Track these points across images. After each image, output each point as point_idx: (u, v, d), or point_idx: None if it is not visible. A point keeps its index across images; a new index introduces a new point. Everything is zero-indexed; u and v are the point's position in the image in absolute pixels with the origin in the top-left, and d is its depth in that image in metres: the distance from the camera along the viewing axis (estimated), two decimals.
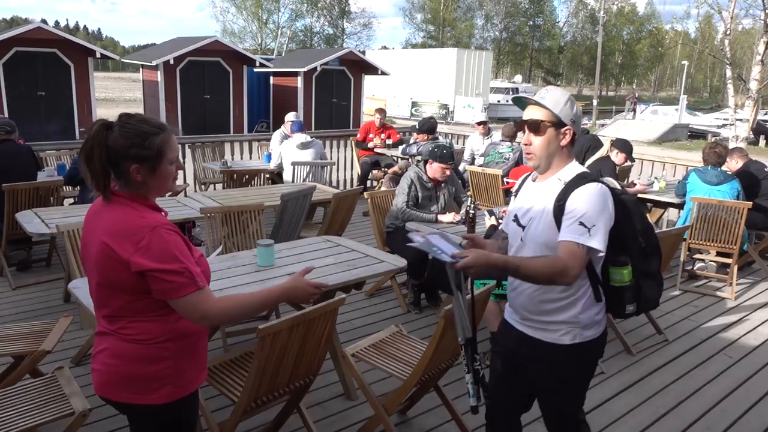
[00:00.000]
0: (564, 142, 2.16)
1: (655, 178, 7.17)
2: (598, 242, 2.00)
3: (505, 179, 7.00)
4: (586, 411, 3.54)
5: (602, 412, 3.59)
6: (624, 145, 6.30)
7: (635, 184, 6.61)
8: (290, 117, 8.10)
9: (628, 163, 6.87)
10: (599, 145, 7.57)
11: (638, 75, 72.83)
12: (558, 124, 2.14)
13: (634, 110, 36.21)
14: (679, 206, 6.45)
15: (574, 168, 2.17)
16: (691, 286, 5.83)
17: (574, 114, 2.16)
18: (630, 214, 2.16)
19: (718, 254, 5.89)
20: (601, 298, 2.20)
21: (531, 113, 2.18)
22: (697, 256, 6.13)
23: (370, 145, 9.17)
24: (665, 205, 6.78)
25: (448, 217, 4.86)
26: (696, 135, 30.12)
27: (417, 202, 4.98)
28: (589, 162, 6.36)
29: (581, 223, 2.01)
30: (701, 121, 32.54)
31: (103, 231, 1.77)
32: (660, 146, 24.46)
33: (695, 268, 6.13)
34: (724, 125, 30.92)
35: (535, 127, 2.16)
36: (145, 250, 1.72)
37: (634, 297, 2.19)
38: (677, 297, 5.55)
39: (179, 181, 8.07)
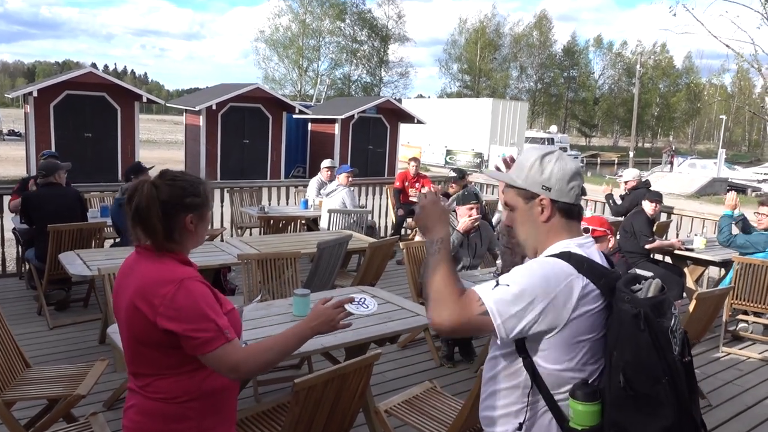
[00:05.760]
0: (543, 217, 1.65)
1: (695, 234, 7.02)
2: (497, 299, 1.49)
3: None
4: None
5: None
6: (651, 194, 6.37)
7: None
8: (326, 164, 8.22)
9: (666, 218, 6.77)
10: None
11: (675, 128, 72.33)
12: (527, 196, 1.67)
13: (671, 163, 35.85)
14: (721, 265, 6.29)
15: (560, 246, 1.63)
16: (735, 348, 5.62)
17: (548, 177, 1.63)
18: (621, 329, 1.48)
19: (756, 314, 5.71)
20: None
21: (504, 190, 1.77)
22: (741, 317, 5.93)
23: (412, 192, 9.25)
24: (706, 263, 6.61)
25: (468, 221, 4.96)
26: (735, 189, 29.53)
27: None
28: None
29: (497, 281, 1.55)
30: (740, 175, 32.04)
31: (132, 290, 1.81)
32: (698, 200, 24.04)
33: (738, 329, 5.92)
34: (765, 180, 30.41)
35: (507, 205, 1.74)
36: (171, 310, 1.74)
37: None
38: (720, 359, 5.36)
39: (216, 225, 8.19)
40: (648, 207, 6.16)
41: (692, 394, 1.54)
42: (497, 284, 1.52)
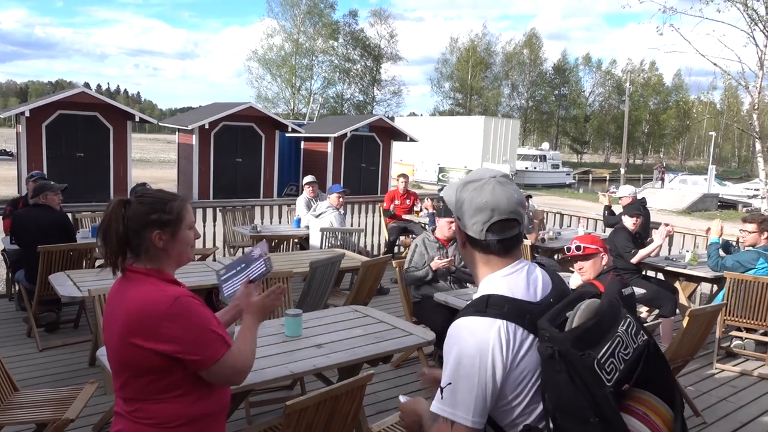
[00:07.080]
0: (460, 242, 1.60)
1: (687, 250, 7.04)
2: (453, 411, 1.39)
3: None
4: None
5: None
6: (629, 208, 6.40)
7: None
8: (308, 179, 8.18)
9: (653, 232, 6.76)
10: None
11: (665, 144, 72.92)
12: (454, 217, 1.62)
13: (662, 179, 36.09)
14: (713, 281, 6.29)
15: (484, 285, 1.55)
16: (729, 364, 5.61)
17: (459, 206, 1.54)
18: (543, 371, 1.39)
19: (749, 330, 5.71)
20: None
21: None
22: (734, 333, 5.94)
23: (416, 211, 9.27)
24: (698, 280, 6.62)
25: (440, 262, 4.93)
26: (726, 205, 29.78)
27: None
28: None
29: (440, 386, 1.45)
30: (731, 191, 32.30)
31: (123, 319, 1.77)
32: (689, 216, 24.16)
33: (732, 346, 5.92)
34: (755, 195, 30.64)
35: None
36: (169, 330, 1.72)
37: None
38: (714, 376, 5.35)
39: (209, 244, 8.17)
40: (628, 222, 6.17)
41: (673, 406, 1.46)
42: (440, 388, 1.43)
